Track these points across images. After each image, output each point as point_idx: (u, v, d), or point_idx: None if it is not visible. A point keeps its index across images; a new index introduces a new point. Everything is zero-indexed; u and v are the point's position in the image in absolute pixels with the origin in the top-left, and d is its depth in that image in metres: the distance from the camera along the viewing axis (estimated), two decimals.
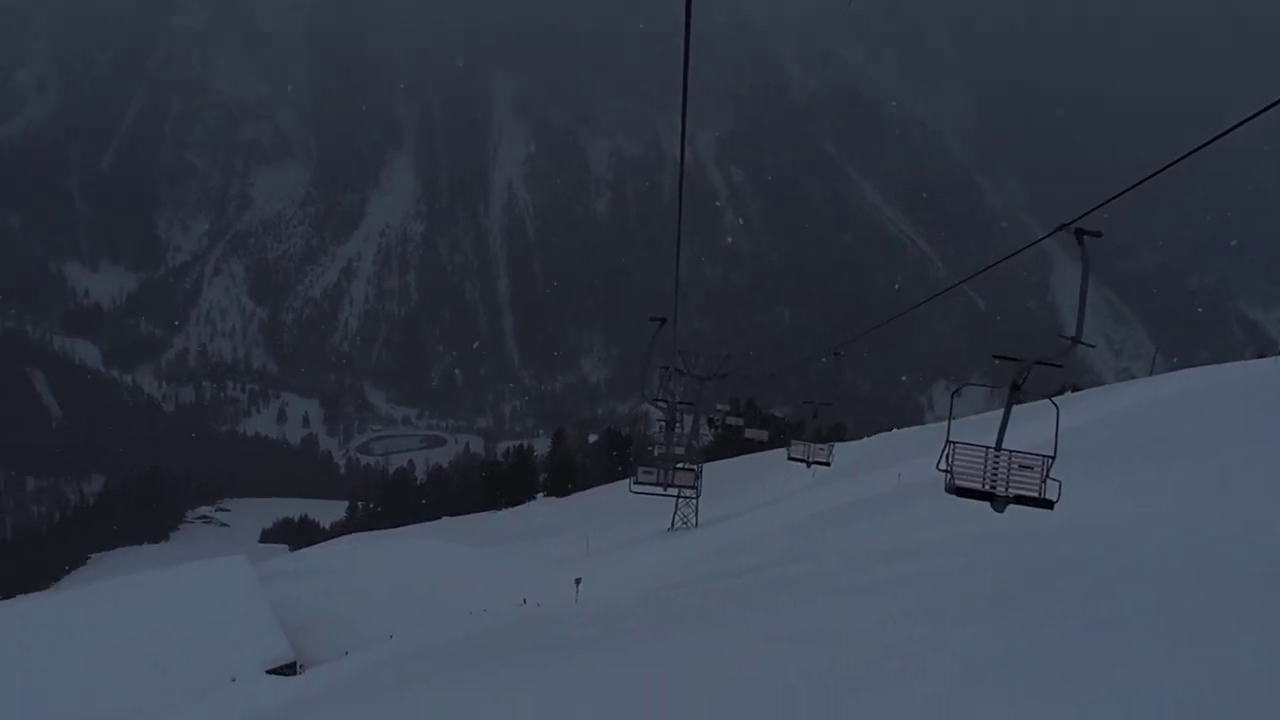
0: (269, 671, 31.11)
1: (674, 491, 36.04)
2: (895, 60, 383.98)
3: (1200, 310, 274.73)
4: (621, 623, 21.52)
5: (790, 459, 33.78)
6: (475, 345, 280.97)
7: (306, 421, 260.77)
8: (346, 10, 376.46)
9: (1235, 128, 8.26)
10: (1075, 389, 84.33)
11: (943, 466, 12.12)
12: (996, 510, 11.87)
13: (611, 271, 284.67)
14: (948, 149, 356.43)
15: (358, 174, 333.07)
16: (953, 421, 13.70)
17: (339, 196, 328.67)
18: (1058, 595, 12.71)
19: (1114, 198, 8.95)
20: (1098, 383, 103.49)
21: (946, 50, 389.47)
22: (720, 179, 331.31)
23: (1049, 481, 11.90)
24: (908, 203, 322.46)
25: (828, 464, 33.33)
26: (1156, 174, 8.94)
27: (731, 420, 67.02)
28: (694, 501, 42.73)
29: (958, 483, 11.95)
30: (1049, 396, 14.32)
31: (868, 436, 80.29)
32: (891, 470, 38.27)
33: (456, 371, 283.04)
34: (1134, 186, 8.51)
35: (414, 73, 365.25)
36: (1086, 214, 9.32)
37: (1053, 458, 11.93)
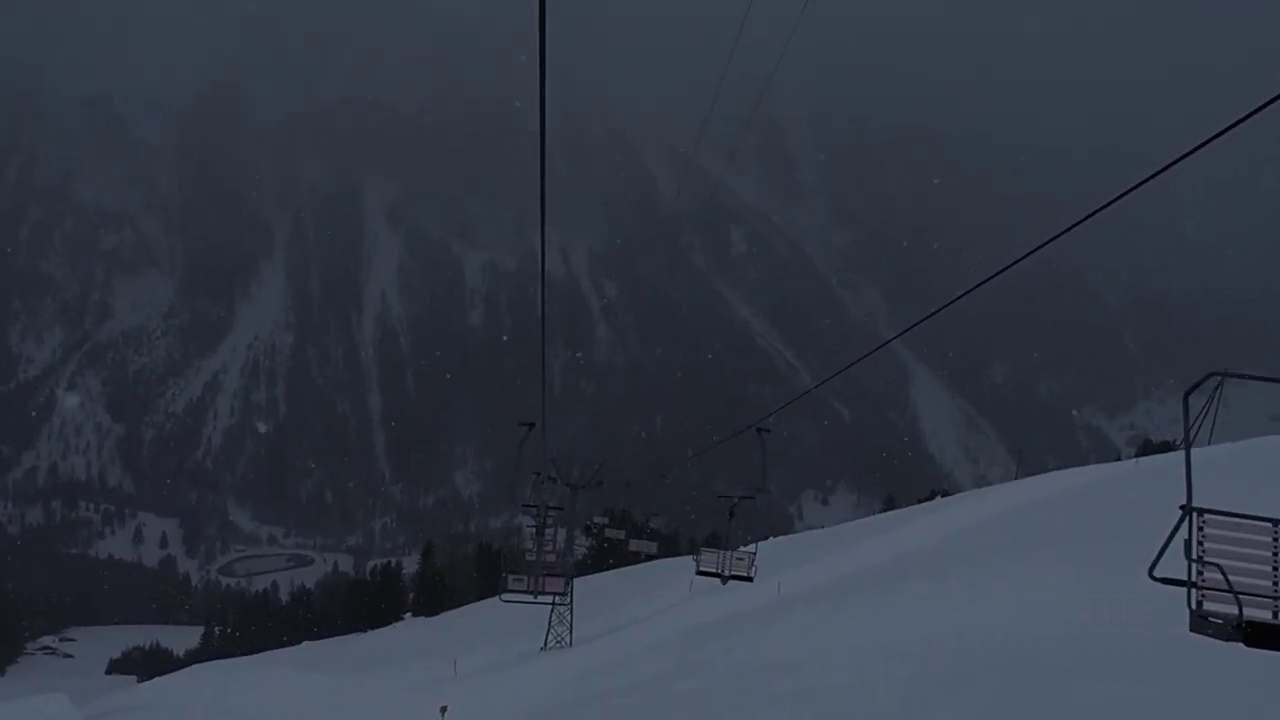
0: None
1: (546, 599, 34.54)
2: (758, 173, 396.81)
3: (1048, 419, 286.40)
4: None
5: (700, 573, 28.16)
6: (345, 459, 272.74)
7: (164, 542, 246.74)
8: (216, 118, 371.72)
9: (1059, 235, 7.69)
10: (945, 494, 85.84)
11: (1180, 574, 5.59)
12: None
13: (485, 384, 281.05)
14: (811, 261, 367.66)
15: (225, 283, 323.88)
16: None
17: (205, 307, 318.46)
18: (960, 711, 11.58)
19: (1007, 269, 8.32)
20: (956, 489, 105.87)
21: (807, 163, 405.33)
22: (593, 292, 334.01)
23: None
24: (775, 315, 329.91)
25: (750, 578, 27.79)
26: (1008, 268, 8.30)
27: (611, 533, 65.13)
28: (568, 618, 40.82)
29: (1244, 614, 5.29)
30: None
31: (742, 547, 79.55)
32: (770, 580, 37.26)
33: (325, 489, 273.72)
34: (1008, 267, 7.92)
35: (285, 180, 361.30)
36: None
37: None
